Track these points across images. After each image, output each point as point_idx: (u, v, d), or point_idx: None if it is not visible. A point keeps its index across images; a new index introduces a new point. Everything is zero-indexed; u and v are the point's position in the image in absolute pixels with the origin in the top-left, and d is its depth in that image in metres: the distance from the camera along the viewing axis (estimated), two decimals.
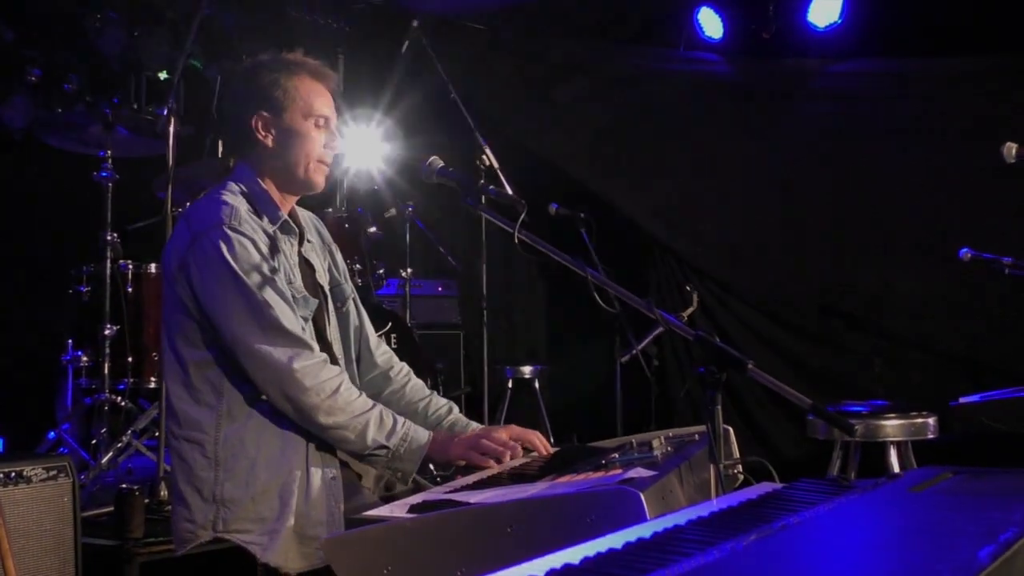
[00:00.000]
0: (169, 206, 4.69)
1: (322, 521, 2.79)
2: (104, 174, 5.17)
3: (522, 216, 2.83)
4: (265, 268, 2.86)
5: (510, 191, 4.82)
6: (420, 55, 6.05)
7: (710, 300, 7.59)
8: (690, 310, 6.54)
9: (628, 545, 1.39)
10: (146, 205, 5.39)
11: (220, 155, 5.67)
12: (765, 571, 1.28)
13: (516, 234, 2.81)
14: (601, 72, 7.92)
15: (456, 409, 3.31)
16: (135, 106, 5.69)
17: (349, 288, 3.35)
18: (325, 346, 3.10)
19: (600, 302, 2.76)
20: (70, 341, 5.26)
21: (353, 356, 3.29)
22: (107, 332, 5.06)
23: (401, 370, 3.40)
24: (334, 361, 3.12)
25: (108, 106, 5.31)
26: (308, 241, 3.21)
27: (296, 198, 3.19)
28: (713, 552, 1.32)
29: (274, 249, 2.95)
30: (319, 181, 3.13)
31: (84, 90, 5.81)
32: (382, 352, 3.41)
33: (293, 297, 2.93)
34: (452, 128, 6.38)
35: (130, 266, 5.26)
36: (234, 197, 2.96)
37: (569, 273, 2.79)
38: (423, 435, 2.88)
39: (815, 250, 7.59)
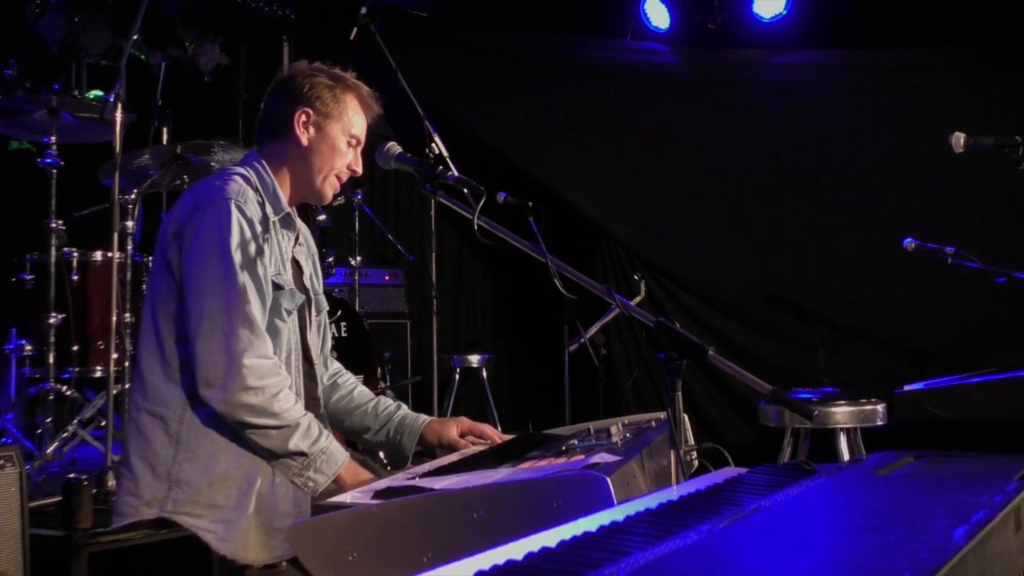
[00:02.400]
0: (116, 193, 4.62)
1: (289, 512, 2.78)
2: (49, 160, 5.08)
3: (482, 202, 2.83)
4: (254, 252, 2.86)
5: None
6: (368, 43, 6.01)
7: (656, 289, 7.63)
8: (638, 299, 6.58)
9: (603, 528, 1.39)
10: (91, 192, 5.31)
11: (165, 142, 5.61)
12: (745, 552, 1.28)
13: (475, 220, 2.80)
14: (548, 62, 7.92)
15: (404, 406, 3.34)
16: (76, 93, 5.61)
17: (324, 301, 3.38)
18: (305, 351, 3.12)
19: (560, 288, 2.76)
20: (14, 330, 5.17)
21: (322, 363, 3.30)
22: (52, 321, 4.98)
23: (349, 378, 3.44)
24: (313, 364, 3.16)
25: (50, 92, 5.22)
26: (300, 244, 3.23)
27: (300, 199, 3.20)
28: (689, 535, 1.32)
29: (269, 237, 2.95)
30: (328, 194, 3.18)
31: (24, 76, 5.71)
32: (335, 366, 3.45)
33: (280, 288, 2.94)
34: (400, 116, 6.35)
35: (75, 254, 5.19)
36: (245, 179, 2.98)
37: (518, 262, 2.80)
38: (342, 455, 2.86)
39: (760, 240, 7.65)
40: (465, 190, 2.96)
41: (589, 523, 1.41)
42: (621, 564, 1.17)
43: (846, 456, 4.83)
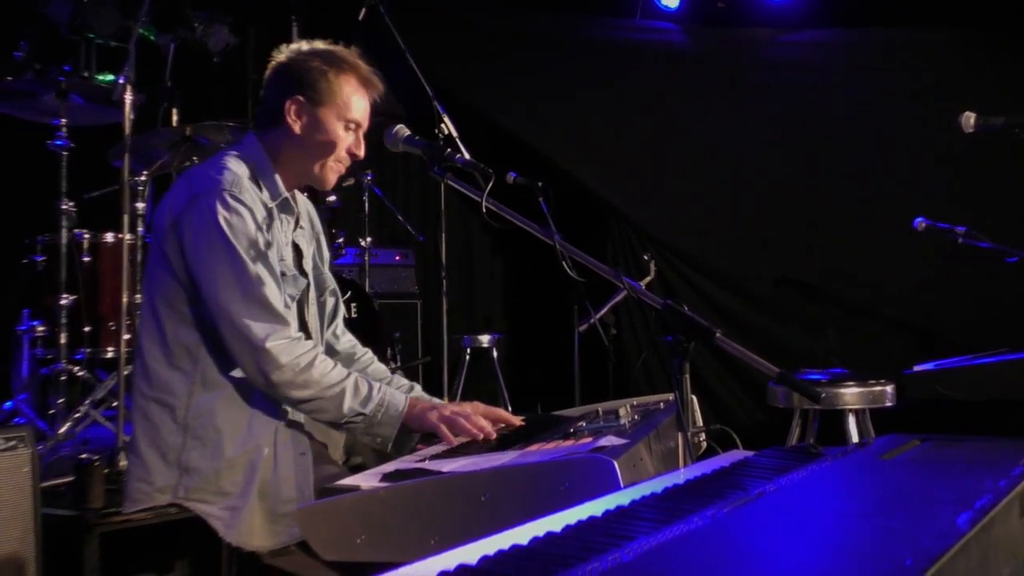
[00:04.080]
0: (126, 175, 4.63)
1: (292, 499, 2.78)
2: (59, 142, 5.10)
3: (490, 184, 2.82)
4: (260, 241, 2.84)
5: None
6: (377, 23, 5.99)
7: (666, 270, 7.62)
8: (647, 279, 6.58)
9: (608, 513, 1.39)
10: (102, 174, 5.32)
11: (174, 124, 5.62)
12: (749, 537, 1.29)
13: (483, 203, 2.80)
14: (557, 41, 7.90)
15: (418, 388, 3.32)
16: (86, 74, 5.60)
17: (330, 278, 3.36)
18: (304, 330, 3.10)
19: (568, 270, 2.76)
20: (26, 311, 5.19)
21: (325, 344, 3.29)
22: (63, 302, 5.01)
23: (364, 353, 3.43)
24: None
25: (60, 74, 5.22)
26: (300, 227, 3.20)
27: (299, 184, 3.18)
28: (694, 520, 1.33)
29: (270, 222, 2.94)
30: (330, 180, 3.13)
31: (33, 58, 5.71)
32: (347, 340, 3.43)
33: (283, 274, 2.93)
34: (410, 97, 6.33)
35: (86, 235, 5.20)
36: (238, 165, 2.95)
37: (527, 243, 2.80)
38: (400, 400, 2.88)
39: (771, 219, 7.63)
40: (475, 173, 2.96)
41: (595, 507, 1.42)
42: (625, 549, 1.17)
43: (855, 437, 4.83)
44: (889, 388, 4.85)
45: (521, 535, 1.26)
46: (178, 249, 2.85)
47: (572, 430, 2.55)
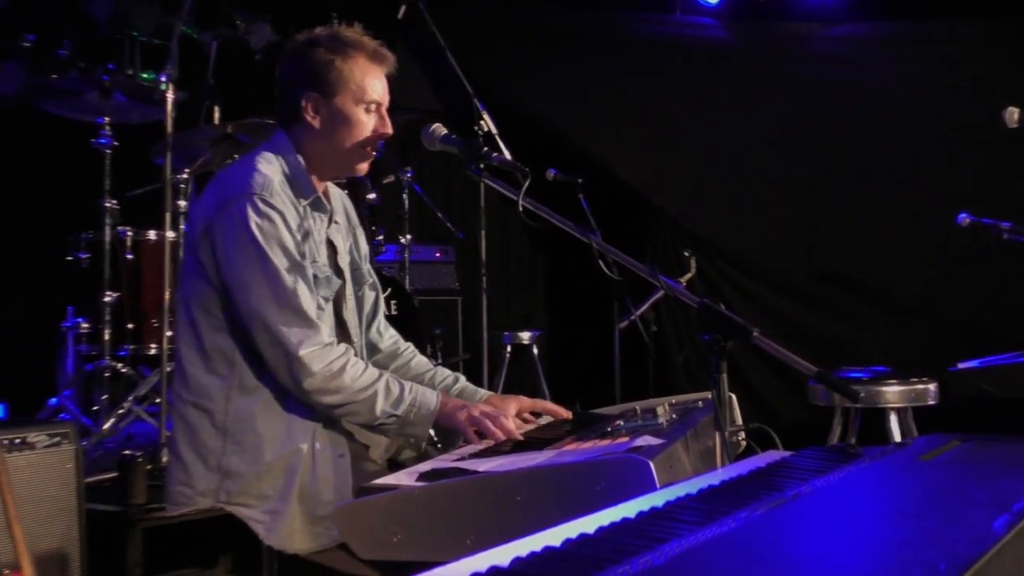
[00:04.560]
0: (168, 173, 4.68)
1: (331, 500, 2.78)
2: (102, 141, 5.16)
3: (526, 183, 2.81)
4: (290, 244, 2.83)
5: (509, 158, 4.81)
6: (417, 20, 6.00)
7: (707, 266, 7.59)
8: (688, 276, 6.55)
9: (642, 515, 1.39)
10: (144, 172, 5.37)
11: (216, 121, 5.65)
12: (782, 540, 1.28)
13: (520, 201, 2.79)
14: (597, 37, 7.89)
15: (463, 379, 3.30)
16: (129, 72, 5.64)
17: (369, 272, 3.34)
18: (342, 327, 3.10)
19: (604, 269, 2.76)
20: (70, 308, 5.25)
21: (364, 341, 3.29)
22: (107, 299, 5.06)
23: (407, 348, 3.42)
24: (351, 341, 3.13)
25: (104, 72, 5.27)
26: (335, 222, 3.17)
27: (332, 178, 3.17)
28: (728, 522, 1.32)
29: (302, 224, 2.93)
30: (362, 167, 3.10)
31: (78, 56, 5.76)
32: (391, 336, 3.42)
33: (315, 277, 2.92)
34: (451, 94, 6.34)
35: (129, 233, 5.25)
36: (268, 166, 2.92)
37: (568, 239, 2.79)
38: (432, 399, 2.88)
39: (812, 215, 7.59)
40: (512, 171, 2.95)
41: (629, 508, 1.42)
42: (657, 552, 1.17)
43: (897, 436, 4.79)
44: (932, 386, 4.81)
45: (554, 536, 1.26)
46: (211, 254, 2.85)
47: (609, 429, 2.54)
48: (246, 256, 2.80)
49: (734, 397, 2.88)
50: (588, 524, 1.33)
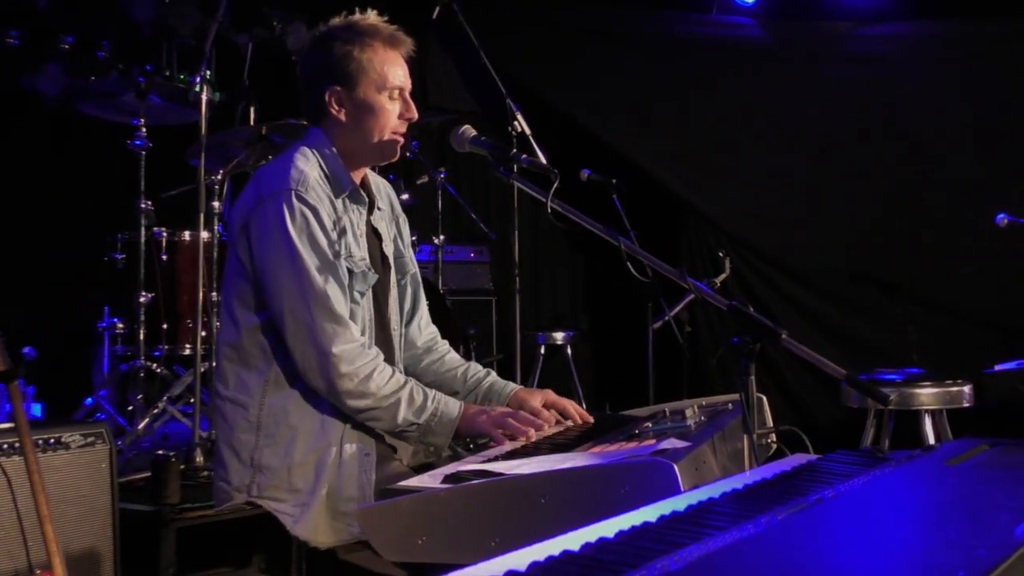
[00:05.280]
0: (202, 174, 4.71)
1: (353, 497, 2.81)
2: (138, 142, 5.20)
3: (555, 185, 2.81)
4: (324, 243, 2.85)
5: (542, 158, 4.80)
6: (450, 20, 6.01)
7: (742, 266, 7.55)
8: (723, 276, 6.51)
9: (663, 519, 1.39)
10: (179, 173, 5.41)
11: (252, 122, 5.68)
12: (800, 546, 1.28)
13: (548, 204, 2.79)
14: (632, 37, 7.87)
15: (493, 373, 3.31)
16: (167, 74, 5.68)
17: (411, 261, 3.35)
18: (384, 317, 3.13)
19: (632, 271, 2.75)
20: (106, 308, 5.30)
21: (403, 330, 3.29)
22: (142, 299, 5.11)
23: (443, 343, 3.42)
24: (390, 332, 3.15)
25: (141, 74, 5.31)
26: (378, 209, 3.20)
27: (368, 166, 3.18)
28: (748, 527, 1.32)
29: (338, 220, 2.94)
30: (393, 152, 3.10)
31: (116, 58, 5.80)
32: (430, 332, 3.42)
33: (351, 272, 2.93)
34: (485, 94, 6.35)
35: (164, 234, 5.29)
36: (306, 162, 2.94)
37: (601, 240, 2.78)
38: (454, 408, 2.89)
39: (848, 215, 7.54)
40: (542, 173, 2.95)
41: (651, 512, 1.41)
42: (674, 557, 1.17)
43: (931, 439, 4.76)
44: (967, 388, 4.76)
45: (574, 540, 1.26)
46: (248, 251, 2.89)
47: (636, 431, 2.54)
48: (279, 253, 2.83)
49: (764, 398, 2.87)
50: (609, 528, 1.33)
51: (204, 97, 4.81)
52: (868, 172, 7.51)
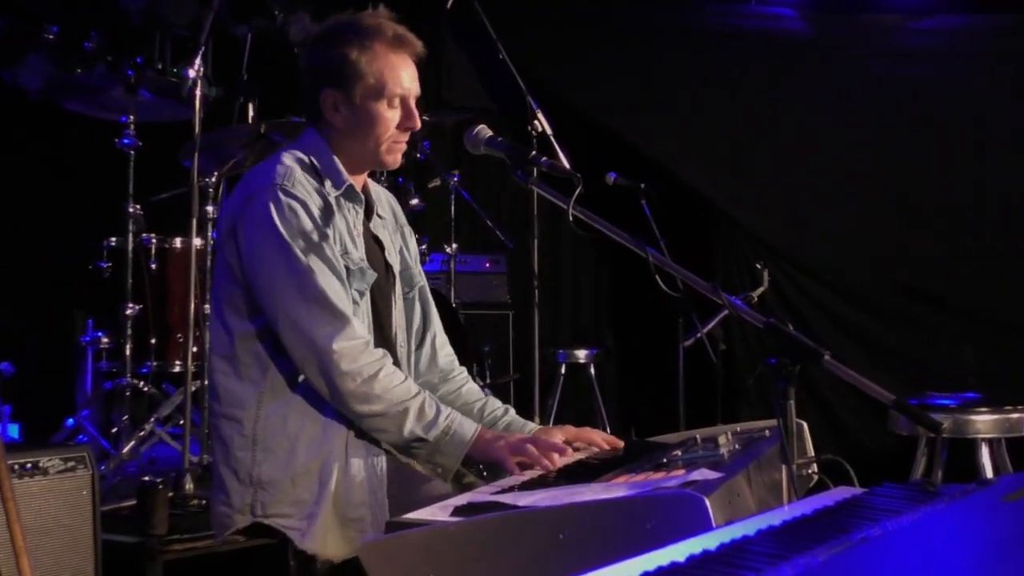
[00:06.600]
0: (195, 176, 4.72)
1: (364, 502, 2.83)
2: (127, 141, 5.21)
3: (577, 191, 2.80)
4: (315, 235, 2.87)
5: (564, 161, 4.80)
6: (466, 11, 6.02)
7: (782, 278, 7.51)
8: (760, 290, 6.49)
9: (692, 559, 1.37)
10: (171, 174, 5.42)
11: (250, 120, 5.69)
12: None
13: (570, 210, 2.78)
14: (665, 30, 7.86)
15: (512, 411, 3.30)
16: (159, 67, 5.70)
17: (419, 275, 3.37)
18: (386, 329, 3.14)
19: (661, 285, 2.74)
20: (90, 321, 5.31)
21: (413, 346, 3.31)
22: (129, 311, 5.10)
23: (461, 372, 3.42)
24: (395, 347, 3.16)
25: (131, 67, 5.31)
26: (379, 216, 3.23)
27: (365, 172, 3.20)
28: (785, 568, 1.31)
29: (329, 214, 2.96)
30: (391, 161, 3.11)
31: (105, 49, 5.82)
32: (447, 353, 3.42)
33: (348, 269, 2.95)
34: (503, 91, 6.35)
35: (154, 240, 5.30)
36: (292, 158, 2.98)
37: (628, 249, 2.77)
38: (468, 430, 2.88)
39: (898, 224, 7.50)
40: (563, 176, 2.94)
41: (679, 551, 1.40)
42: None
43: (988, 470, 4.72)
44: None
45: None
46: (236, 253, 2.92)
47: (665, 460, 2.53)
48: (268, 250, 2.86)
49: (805, 425, 2.86)
50: (633, 568, 1.32)
51: (199, 92, 4.82)
52: (921, 176, 7.47)
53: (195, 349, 4.82)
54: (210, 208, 5.05)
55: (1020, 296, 7.24)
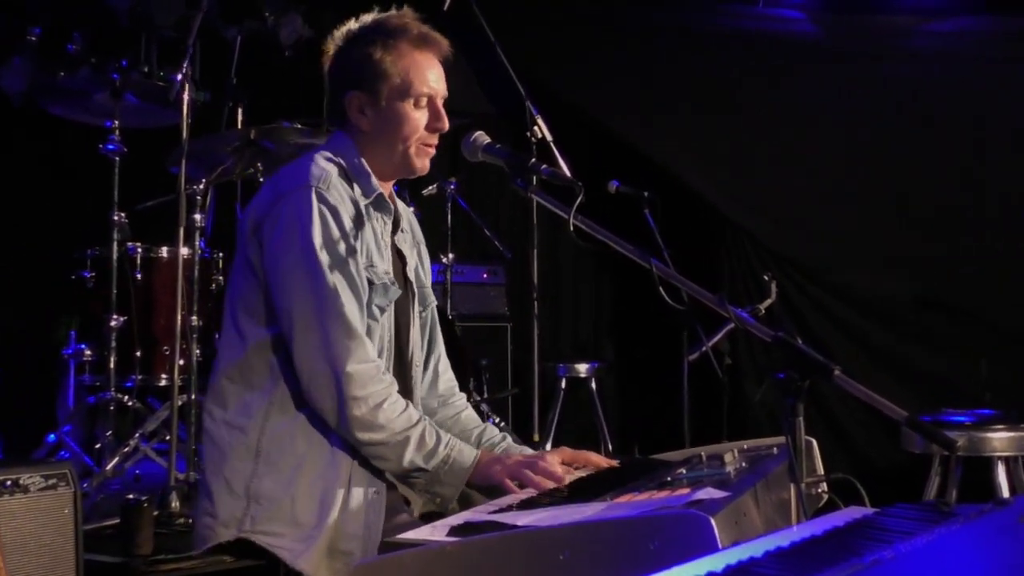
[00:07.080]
0: (183, 182, 4.72)
1: (357, 535, 2.81)
2: (111, 147, 5.20)
3: (578, 200, 2.80)
4: (342, 247, 2.87)
5: (565, 168, 4.81)
6: (464, 14, 6.03)
7: (791, 289, 7.52)
8: (768, 301, 6.49)
9: None
10: (157, 182, 5.42)
11: (240, 126, 5.69)
12: None
13: (571, 220, 2.78)
14: (671, 32, 7.88)
15: (509, 438, 3.31)
16: (146, 70, 5.71)
17: (431, 295, 3.38)
18: (404, 347, 3.14)
19: (665, 297, 2.74)
20: (72, 333, 5.30)
21: (425, 364, 3.32)
22: (113, 323, 5.10)
23: (460, 398, 3.43)
24: (411, 367, 3.17)
25: (116, 70, 5.31)
26: (402, 231, 3.22)
27: (394, 180, 3.20)
28: None
29: (360, 223, 2.96)
30: (420, 165, 3.11)
31: (88, 51, 5.83)
32: (448, 379, 3.43)
33: (371, 283, 2.95)
34: (502, 95, 6.35)
35: (139, 249, 5.29)
36: (327, 161, 2.98)
37: (630, 260, 2.78)
38: (468, 458, 2.88)
39: (912, 233, 7.50)
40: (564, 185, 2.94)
41: (683, 572, 1.40)
42: None
43: (1005, 489, 4.72)
44: None
45: None
46: (259, 252, 2.91)
47: (669, 478, 2.53)
48: (292, 254, 2.85)
49: (814, 442, 2.86)
50: None
51: (186, 97, 4.82)
52: (934, 183, 7.47)
53: (182, 362, 4.82)
54: (197, 216, 5.04)
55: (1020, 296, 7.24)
